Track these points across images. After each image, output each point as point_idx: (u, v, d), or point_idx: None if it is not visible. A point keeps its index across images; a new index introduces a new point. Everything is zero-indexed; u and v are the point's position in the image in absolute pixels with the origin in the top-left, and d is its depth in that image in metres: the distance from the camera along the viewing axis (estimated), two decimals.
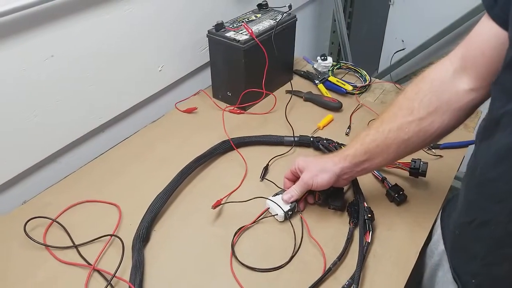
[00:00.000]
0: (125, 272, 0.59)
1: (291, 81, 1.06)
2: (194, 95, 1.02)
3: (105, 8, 0.75)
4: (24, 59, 0.66)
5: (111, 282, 0.57)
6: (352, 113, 0.94)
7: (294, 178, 0.69)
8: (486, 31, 0.50)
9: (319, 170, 0.64)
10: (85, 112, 0.80)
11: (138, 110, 0.94)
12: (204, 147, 0.80)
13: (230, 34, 0.88)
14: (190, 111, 0.95)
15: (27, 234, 0.63)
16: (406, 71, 1.58)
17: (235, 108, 0.95)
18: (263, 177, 0.77)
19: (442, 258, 0.60)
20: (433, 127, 0.57)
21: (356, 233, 0.65)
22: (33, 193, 0.74)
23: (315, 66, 1.07)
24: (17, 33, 0.64)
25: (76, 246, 0.63)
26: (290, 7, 0.96)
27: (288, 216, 0.68)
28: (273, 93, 0.99)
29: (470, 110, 0.56)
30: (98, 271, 0.60)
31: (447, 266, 0.58)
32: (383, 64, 1.65)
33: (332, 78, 1.03)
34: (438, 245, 0.62)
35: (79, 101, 0.78)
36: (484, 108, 0.52)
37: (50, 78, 0.71)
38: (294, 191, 0.67)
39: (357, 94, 1.00)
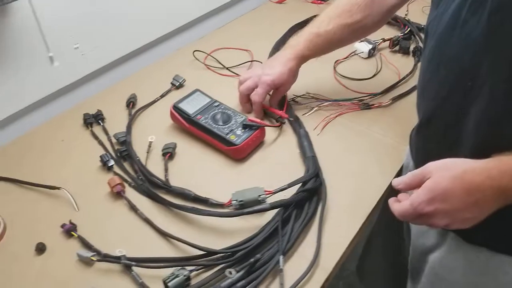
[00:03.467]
0: None
1: None
2: None
3: None
4: None
5: None
6: None
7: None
8: None
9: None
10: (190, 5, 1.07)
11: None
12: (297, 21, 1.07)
13: None
14: (281, 1, 1.23)
15: (195, 57, 0.95)
16: None
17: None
18: None
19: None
20: (367, 25, 0.74)
21: None
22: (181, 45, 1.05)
23: None
24: None
25: (227, 68, 0.94)
26: None
27: (370, 53, 0.95)
28: None
29: (393, 10, 0.74)
30: None
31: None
32: None
33: None
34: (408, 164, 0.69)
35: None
36: None
37: None
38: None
39: None
